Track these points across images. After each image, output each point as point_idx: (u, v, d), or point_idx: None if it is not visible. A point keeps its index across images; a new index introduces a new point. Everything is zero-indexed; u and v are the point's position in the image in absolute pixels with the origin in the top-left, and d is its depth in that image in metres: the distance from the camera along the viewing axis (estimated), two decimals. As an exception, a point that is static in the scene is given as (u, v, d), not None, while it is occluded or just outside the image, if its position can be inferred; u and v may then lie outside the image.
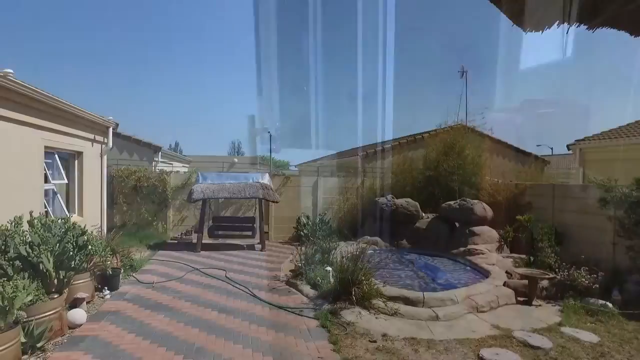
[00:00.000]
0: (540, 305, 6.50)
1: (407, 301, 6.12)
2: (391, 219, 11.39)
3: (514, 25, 2.53)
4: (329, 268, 7.01)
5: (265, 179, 11.16)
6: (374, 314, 5.82)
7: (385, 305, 5.95)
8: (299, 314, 5.86)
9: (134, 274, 7.84)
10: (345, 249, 7.92)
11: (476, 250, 9.25)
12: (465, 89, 15.31)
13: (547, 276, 6.85)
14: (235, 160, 26.81)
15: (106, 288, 6.65)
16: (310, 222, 12.17)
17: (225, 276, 7.94)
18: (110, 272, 6.71)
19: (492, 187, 12.03)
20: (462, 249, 9.61)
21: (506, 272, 7.68)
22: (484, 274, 7.94)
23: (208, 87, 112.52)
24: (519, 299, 6.64)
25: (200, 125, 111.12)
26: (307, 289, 6.91)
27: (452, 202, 10.86)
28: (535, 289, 6.62)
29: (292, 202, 13.04)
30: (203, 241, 10.74)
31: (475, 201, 10.58)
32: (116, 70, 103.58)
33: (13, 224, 5.46)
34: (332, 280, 6.71)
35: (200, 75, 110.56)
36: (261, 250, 10.77)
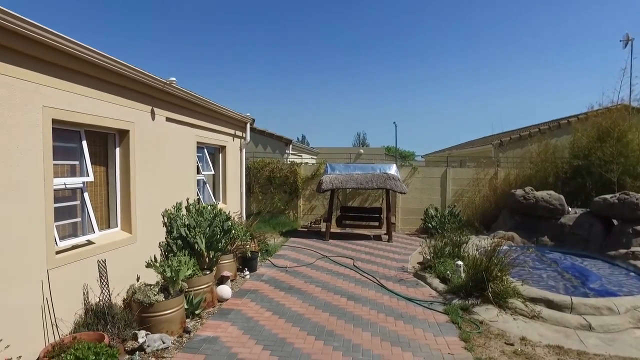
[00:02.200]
0: None
1: (551, 304, 5.47)
2: (530, 213, 10.30)
3: None
4: (459, 262, 6.66)
5: (393, 170, 11.07)
6: (511, 314, 5.35)
7: (525, 306, 5.42)
8: (427, 307, 5.71)
9: (269, 258, 8.55)
10: (477, 243, 7.46)
11: (643, 252, 7.81)
12: (630, 62, 12.29)
13: None
14: (361, 151, 26.98)
15: (246, 269, 7.37)
16: (438, 214, 11.80)
17: (354, 265, 8.14)
18: (250, 255, 7.44)
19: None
20: (622, 250, 8.21)
21: (686, 281, 6.32)
22: (655, 282, 6.67)
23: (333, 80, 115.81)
24: None
25: (328, 118, 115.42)
26: (435, 282, 6.68)
27: (608, 196, 9.33)
28: None
29: (419, 193, 12.74)
30: (331, 230, 11.17)
31: (643, 195, 8.90)
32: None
33: (175, 208, 6.43)
34: (462, 275, 6.36)
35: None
36: (388, 241, 10.76)
